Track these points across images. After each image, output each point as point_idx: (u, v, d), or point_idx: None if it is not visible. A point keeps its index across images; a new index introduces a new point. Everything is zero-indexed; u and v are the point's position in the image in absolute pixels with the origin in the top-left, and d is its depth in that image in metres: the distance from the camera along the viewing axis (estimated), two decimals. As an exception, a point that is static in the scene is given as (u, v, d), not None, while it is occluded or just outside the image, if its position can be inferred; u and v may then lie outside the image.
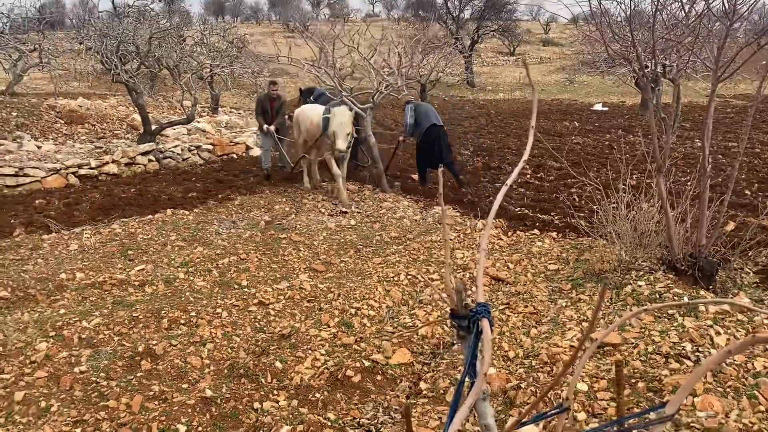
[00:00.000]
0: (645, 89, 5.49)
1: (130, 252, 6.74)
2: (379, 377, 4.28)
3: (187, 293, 5.65)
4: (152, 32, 14.05)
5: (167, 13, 30.93)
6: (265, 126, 10.14)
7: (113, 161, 10.93)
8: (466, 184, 9.64)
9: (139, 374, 4.25)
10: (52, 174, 9.94)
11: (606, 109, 20.78)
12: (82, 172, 10.41)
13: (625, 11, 5.43)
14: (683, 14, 5.84)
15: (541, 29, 55.91)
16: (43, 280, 5.80)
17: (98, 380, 4.15)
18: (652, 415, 1.20)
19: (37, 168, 9.87)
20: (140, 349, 4.54)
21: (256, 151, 13.19)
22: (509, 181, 1.74)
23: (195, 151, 12.45)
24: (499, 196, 1.71)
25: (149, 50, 13.84)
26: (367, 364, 4.37)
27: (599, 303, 1.17)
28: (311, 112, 9.40)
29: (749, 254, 5.38)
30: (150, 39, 13.72)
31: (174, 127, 13.50)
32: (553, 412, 1.42)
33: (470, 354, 1.45)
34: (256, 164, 11.89)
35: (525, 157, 1.72)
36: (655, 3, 5.17)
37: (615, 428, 1.31)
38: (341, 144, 8.37)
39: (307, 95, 11.51)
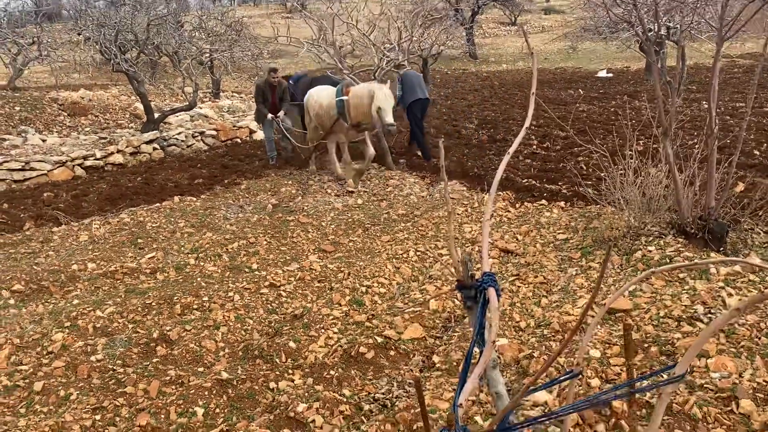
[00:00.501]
0: (649, 53, 5.41)
1: (139, 240, 6.78)
2: (392, 353, 4.31)
3: (199, 279, 5.69)
4: (150, 19, 13.97)
5: (164, 0, 30.77)
6: (270, 116, 9.86)
7: (118, 151, 10.95)
8: (431, 158, 9.91)
9: (155, 360, 4.30)
10: (58, 167, 9.98)
11: (611, 75, 20.55)
12: (88, 163, 10.43)
13: (626, -27, 5.34)
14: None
15: (542, -3, 55.11)
16: (55, 272, 5.85)
17: (115, 367, 4.20)
18: (663, 376, 1.20)
19: (43, 161, 9.90)
20: (155, 335, 4.58)
21: (259, 135, 13.15)
22: (511, 150, 1.73)
23: (199, 138, 12.44)
24: (502, 166, 1.69)
25: (148, 38, 13.79)
26: (379, 340, 4.39)
27: (603, 269, 1.17)
28: (320, 96, 9.00)
29: (759, 215, 5.33)
30: (148, 26, 13.65)
31: (177, 114, 13.49)
32: (565, 377, 1.42)
33: (478, 323, 1.46)
34: (261, 148, 11.88)
35: (527, 124, 1.70)
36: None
37: (626, 389, 1.32)
38: (390, 118, 7.83)
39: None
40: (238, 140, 12.96)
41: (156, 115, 13.10)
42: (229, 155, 11.39)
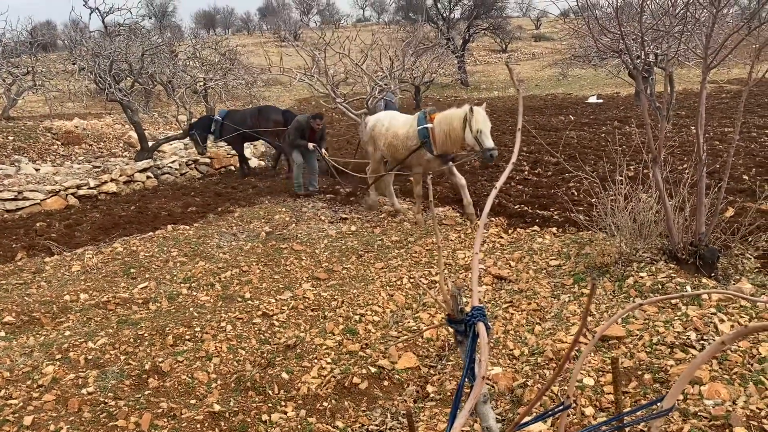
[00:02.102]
0: (637, 80, 5.50)
1: (132, 270, 6.76)
2: (386, 383, 4.28)
3: (191, 308, 5.66)
4: (144, 49, 14.09)
5: (158, 29, 31.05)
6: (311, 145, 9.51)
7: (112, 180, 10.96)
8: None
9: (146, 392, 4.26)
10: (51, 196, 9.97)
11: (601, 101, 20.79)
12: (81, 192, 10.43)
13: (613, 4, 5.44)
14: (670, 3, 5.85)
15: (532, 25, 56.00)
16: (47, 303, 5.81)
17: (106, 400, 4.16)
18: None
19: (36, 191, 9.89)
20: (147, 366, 4.55)
21: (253, 163, 13.21)
22: (498, 185, 1.75)
23: (193, 166, 12.47)
24: (490, 200, 1.72)
25: (142, 67, 13.89)
26: (373, 370, 4.37)
27: (589, 301, 1.18)
28: (393, 124, 8.23)
29: (749, 240, 5.38)
30: (142, 56, 13.76)
31: (171, 142, 13.53)
32: (554, 410, 1.43)
33: (468, 358, 1.46)
34: (255, 175, 11.91)
35: (513, 159, 1.73)
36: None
37: (615, 424, 1.32)
38: (491, 141, 7.13)
39: (200, 126, 11.82)
40: (232, 168, 13.00)
41: (150, 144, 13.14)
42: (222, 183, 11.41)
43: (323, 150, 9.82)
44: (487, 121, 7.20)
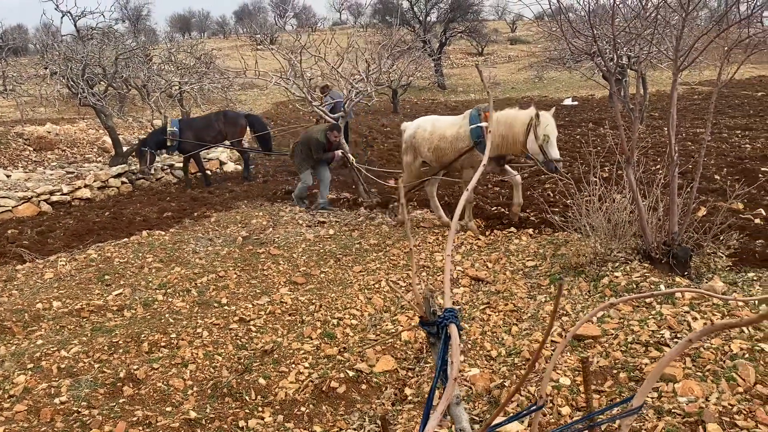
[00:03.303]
0: (610, 82, 5.56)
1: (107, 277, 6.66)
2: (364, 386, 4.27)
3: (167, 315, 5.60)
4: (118, 53, 13.93)
5: (132, 33, 30.73)
6: (339, 152, 9.09)
7: (85, 186, 10.80)
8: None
9: (121, 400, 4.20)
10: (23, 202, 9.79)
11: (576, 103, 21.01)
12: (54, 198, 10.26)
13: (585, 7, 5.51)
14: (641, 6, 5.94)
15: (507, 28, 56.43)
16: (18, 311, 5.71)
17: (80, 410, 4.09)
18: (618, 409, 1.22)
19: (7, 197, 9.71)
20: (121, 374, 4.48)
21: (229, 167, 13.13)
22: (470, 186, 1.76)
23: (168, 170, 12.35)
24: (461, 202, 1.72)
25: (116, 71, 13.72)
26: (351, 374, 4.36)
27: (556, 302, 1.19)
28: (438, 126, 7.64)
29: (721, 238, 5.47)
30: (116, 60, 13.60)
31: (146, 147, 13.37)
32: (527, 411, 1.43)
33: (440, 360, 1.46)
34: (231, 179, 11.82)
35: (484, 160, 1.73)
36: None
37: (586, 423, 1.33)
38: (557, 151, 6.55)
39: (152, 142, 11.19)
40: (209, 172, 12.89)
41: (125, 149, 12.99)
42: (198, 187, 11.32)
43: (350, 156, 9.30)
44: (554, 128, 6.62)
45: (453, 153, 7.29)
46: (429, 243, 7.24)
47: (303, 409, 4.01)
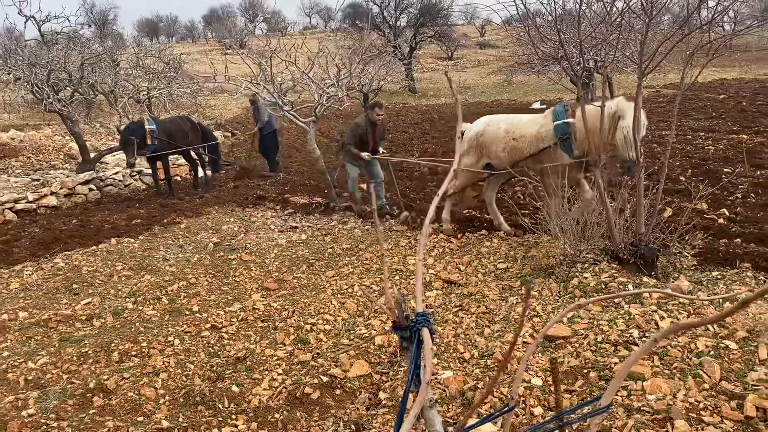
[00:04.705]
0: (577, 86, 5.65)
1: (75, 286, 6.55)
2: (338, 391, 4.27)
3: (137, 323, 5.52)
4: (84, 58, 13.72)
5: (99, 38, 30.27)
6: (365, 154, 8.39)
7: (52, 193, 10.60)
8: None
9: (91, 411, 4.13)
10: (-14, 211, 9.57)
11: (544, 107, 21.27)
12: (19, 206, 10.03)
13: (551, 13, 5.59)
14: (606, 12, 6.05)
15: (477, 33, 56.93)
16: (-18, 323, 5.57)
17: (48, 422, 4.01)
18: (588, 409, 1.25)
19: (-30, 206, 9.48)
20: (91, 385, 4.41)
21: (199, 173, 12.99)
22: (440, 192, 1.78)
23: (137, 177, 12.19)
24: (432, 207, 1.74)
25: (82, 77, 13.52)
26: (325, 379, 4.35)
27: (525, 305, 1.21)
28: (514, 123, 6.83)
29: (686, 238, 5.59)
30: (82, 65, 13.39)
31: (113, 153, 13.18)
32: (498, 413, 1.45)
33: (413, 364, 1.47)
34: (202, 186, 11.68)
35: (454, 166, 1.76)
36: (580, 1, 5.36)
37: (555, 423, 1.35)
38: (632, 153, 5.57)
39: (138, 134, 10.28)
40: (178, 178, 12.76)
41: (92, 155, 12.77)
42: (168, 193, 11.17)
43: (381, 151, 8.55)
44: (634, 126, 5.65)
45: (531, 151, 6.54)
46: (402, 247, 7.26)
47: (277, 415, 3.99)
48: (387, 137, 9.42)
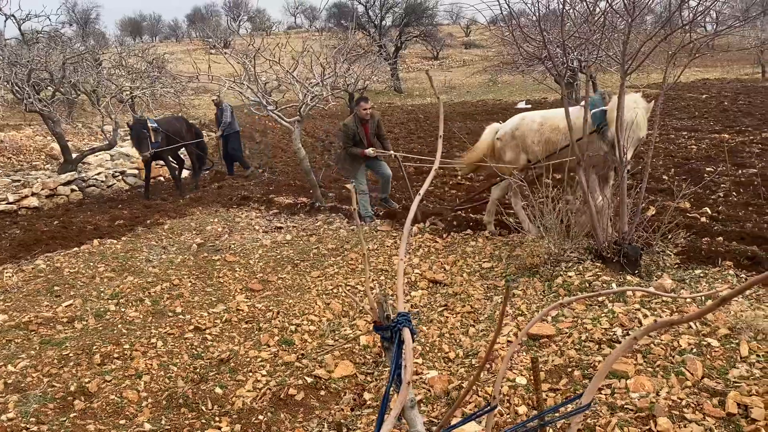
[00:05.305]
0: (561, 85, 5.67)
1: (56, 288, 6.47)
2: (322, 392, 4.24)
3: (120, 325, 5.46)
4: (66, 57, 13.57)
5: (81, 37, 29.96)
6: (368, 150, 8.11)
7: (33, 194, 10.47)
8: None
9: (72, 415, 4.07)
10: (-34, 213, 9.43)
11: (529, 106, 21.37)
12: (-1, 208, 9.92)
13: (535, 13, 5.61)
14: (589, 12, 6.08)
15: (462, 32, 57.10)
16: (-39, 326, 5.48)
17: (28, 426, 3.95)
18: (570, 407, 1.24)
19: (-52, 208, 9.34)
20: (72, 388, 4.35)
21: (184, 173, 12.90)
22: (422, 191, 1.77)
23: (120, 177, 12.08)
24: (413, 207, 1.73)
25: (64, 76, 13.36)
26: (309, 380, 4.33)
27: (504, 305, 1.20)
28: (548, 116, 6.55)
29: (669, 237, 5.63)
30: (64, 65, 13.24)
31: (96, 153, 13.06)
32: (481, 412, 1.44)
33: (394, 364, 1.46)
34: (186, 186, 11.59)
35: (435, 165, 1.75)
36: (563, 1, 5.37)
37: (537, 422, 1.35)
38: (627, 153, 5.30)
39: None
40: (161, 178, 12.66)
41: (74, 156, 12.63)
42: (152, 194, 11.08)
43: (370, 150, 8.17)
44: (636, 127, 5.48)
45: (565, 141, 6.05)
46: (387, 247, 7.24)
47: (261, 417, 3.96)
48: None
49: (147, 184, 11.01)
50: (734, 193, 8.02)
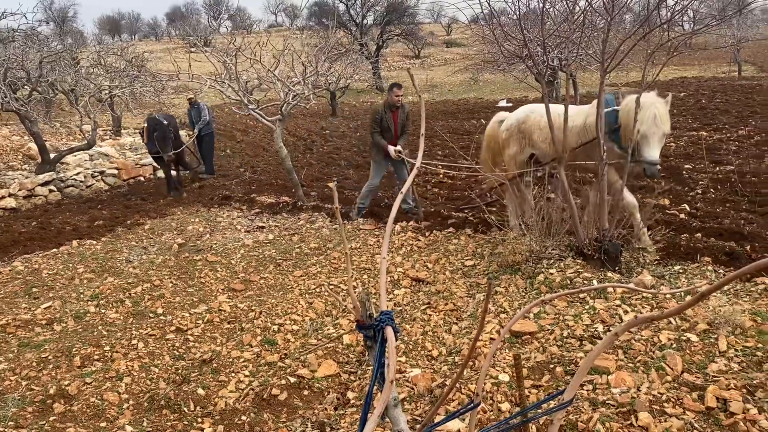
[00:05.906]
0: (542, 84, 5.70)
1: (34, 289, 6.38)
2: (306, 392, 4.23)
3: (100, 327, 5.40)
4: (43, 56, 13.36)
5: (58, 35, 29.54)
6: (392, 148, 7.73)
7: (10, 195, 10.32)
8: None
9: (51, 418, 4.02)
10: (-59, 214, 9.27)
11: (511, 104, 21.46)
12: (-25, 209, 9.76)
13: (516, 12, 5.63)
14: (569, 10, 6.13)
15: (443, 31, 57.23)
16: (-63, 329, 5.39)
17: (6, 430, 3.89)
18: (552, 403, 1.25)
19: None
20: (51, 391, 4.29)
21: (160, 173, 12.80)
22: (403, 190, 1.77)
23: (99, 177, 11.95)
24: (395, 206, 1.73)
25: (41, 75, 13.16)
26: (292, 380, 4.31)
27: (486, 302, 1.21)
28: (560, 112, 5.60)
29: (649, 233, 5.69)
30: (41, 63, 13.04)
31: (74, 153, 12.88)
32: (463, 410, 1.45)
33: (377, 363, 1.46)
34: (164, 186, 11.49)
35: (417, 164, 1.75)
36: (543, 0, 5.41)
37: (519, 419, 1.35)
38: (653, 152, 5.18)
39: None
40: (141, 178, 12.55)
41: (52, 156, 12.45)
42: (131, 194, 10.99)
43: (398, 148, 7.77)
44: (658, 120, 5.19)
45: (576, 141, 5.77)
46: (370, 245, 7.24)
47: (244, 418, 3.94)
48: (355, 135, 9.10)
49: (170, 179, 10.84)
50: (712, 189, 8.13)
